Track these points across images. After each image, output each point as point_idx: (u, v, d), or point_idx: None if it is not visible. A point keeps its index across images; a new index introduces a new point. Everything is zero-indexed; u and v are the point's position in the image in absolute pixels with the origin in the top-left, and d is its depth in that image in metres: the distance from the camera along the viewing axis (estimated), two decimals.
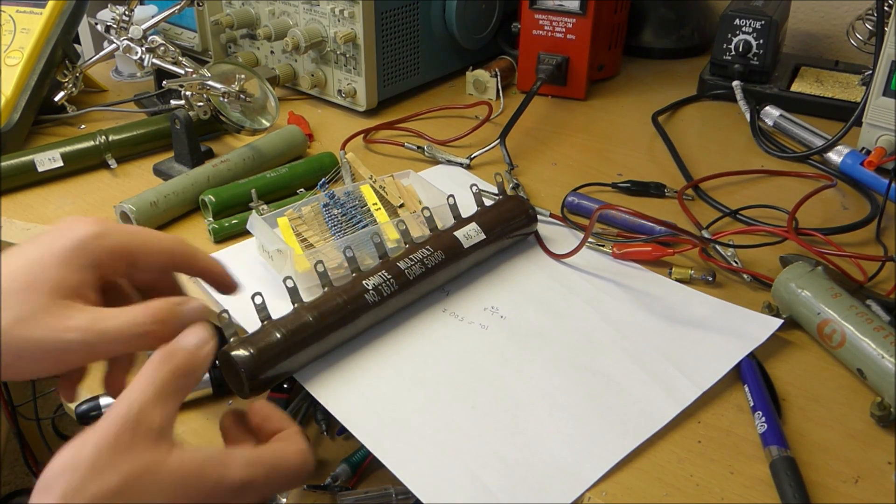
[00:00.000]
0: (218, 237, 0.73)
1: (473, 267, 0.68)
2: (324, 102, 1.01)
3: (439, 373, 0.57)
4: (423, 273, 0.62)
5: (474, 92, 1.03)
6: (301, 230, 0.69)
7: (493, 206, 0.70)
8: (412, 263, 0.62)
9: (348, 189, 0.74)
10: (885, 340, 0.54)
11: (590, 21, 0.96)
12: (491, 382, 0.57)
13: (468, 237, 0.66)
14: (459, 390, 0.56)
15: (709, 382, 0.56)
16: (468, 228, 0.66)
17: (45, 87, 0.91)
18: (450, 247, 0.64)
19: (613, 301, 0.65)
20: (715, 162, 0.86)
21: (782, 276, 0.62)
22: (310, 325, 0.56)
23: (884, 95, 0.80)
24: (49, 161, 0.82)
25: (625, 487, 0.49)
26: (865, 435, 0.53)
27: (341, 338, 0.59)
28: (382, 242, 0.63)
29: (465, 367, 0.58)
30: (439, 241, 0.64)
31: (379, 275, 0.60)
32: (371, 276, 0.60)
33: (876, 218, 0.73)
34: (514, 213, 0.70)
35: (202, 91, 0.82)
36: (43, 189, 0.83)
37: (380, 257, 0.63)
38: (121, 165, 0.86)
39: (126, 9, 0.85)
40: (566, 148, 0.90)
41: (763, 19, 0.96)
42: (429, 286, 0.63)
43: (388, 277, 0.60)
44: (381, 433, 0.53)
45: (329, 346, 0.58)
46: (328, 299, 0.58)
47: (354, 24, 0.91)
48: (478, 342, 0.60)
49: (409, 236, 0.65)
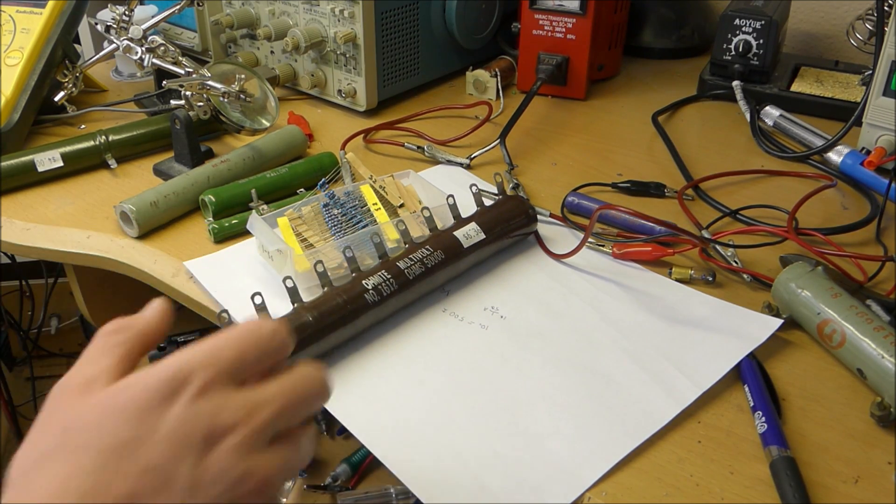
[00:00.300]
0: (218, 237, 0.73)
1: (473, 267, 0.68)
2: (324, 102, 1.01)
3: (439, 373, 0.57)
4: (423, 273, 0.62)
5: (474, 92, 1.03)
6: (301, 230, 0.69)
7: (492, 206, 0.70)
8: (412, 263, 0.62)
9: (348, 189, 0.74)
10: (885, 340, 0.54)
11: (590, 21, 0.96)
12: (491, 382, 0.57)
13: (468, 237, 0.66)
14: (459, 390, 0.56)
15: (709, 382, 0.56)
16: (468, 228, 0.66)
17: (45, 87, 0.91)
18: (449, 246, 0.64)
19: (613, 301, 0.65)
20: (715, 162, 0.86)
21: (782, 276, 0.62)
22: (309, 324, 0.56)
23: (884, 95, 0.80)
24: (49, 161, 0.82)
25: (625, 487, 0.49)
26: (865, 435, 0.53)
27: (341, 338, 0.59)
28: (382, 242, 0.63)
29: (465, 367, 0.58)
30: (439, 241, 0.64)
31: (379, 275, 0.60)
32: (371, 276, 0.60)
33: (876, 218, 0.73)
34: (514, 213, 0.70)
35: (202, 91, 0.82)
36: (43, 189, 0.82)
37: (379, 257, 0.63)
38: (121, 165, 0.86)
39: (126, 9, 0.85)
40: (566, 148, 0.90)
41: (763, 19, 0.96)
42: (428, 286, 0.63)
43: (388, 277, 0.60)
44: (381, 433, 0.53)
45: (329, 346, 0.58)
46: (328, 299, 0.58)
47: (354, 24, 0.91)
48: (478, 342, 0.60)
49: (408, 236, 0.65)
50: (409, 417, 0.54)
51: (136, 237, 0.74)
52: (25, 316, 1.56)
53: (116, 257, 0.73)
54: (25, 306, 1.55)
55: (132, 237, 0.74)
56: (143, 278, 0.72)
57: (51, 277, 1.47)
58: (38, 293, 1.53)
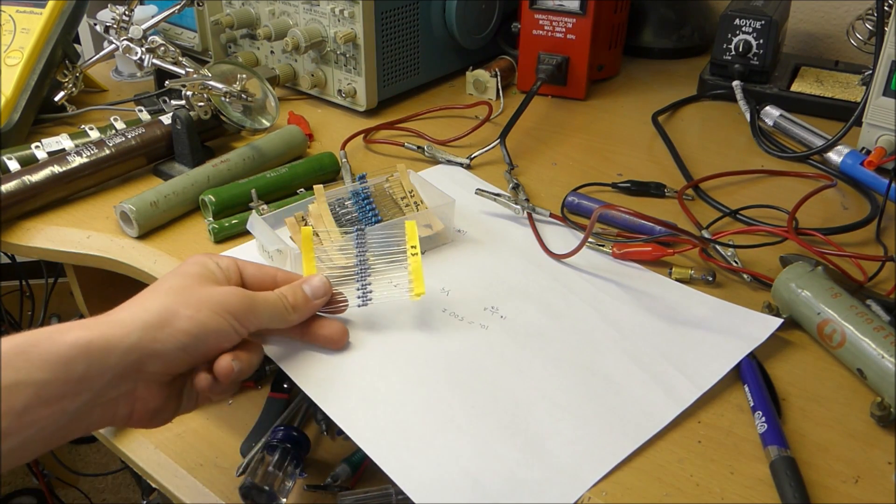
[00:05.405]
0: (218, 237, 0.73)
1: (473, 267, 0.68)
2: (324, 102, 1.01)
3: (439, 373, 0.57)
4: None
5: (474, 92, 1.03)
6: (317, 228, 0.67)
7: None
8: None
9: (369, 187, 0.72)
10: (885, 340, 0.54)
11: (590, 21, 0.96)
12: (491, 382, 0.57)
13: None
14: (459, 390, 0.56)
15: (709, 383, 0.56)
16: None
17: (45, 87, 0.91)
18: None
19: (613, 301, 0.65)
20: (715, 162, 0.86)
21: (782, 276, 0.62)
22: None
23: (884, 95, 0.80)
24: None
25: (625, 487, 0.49)
26: (865, 435, 0.53)
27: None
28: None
29: (465, 367, 0.58)
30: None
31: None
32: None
33: (876, 218, 0.73)
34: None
35: (203, 91, 0.82)
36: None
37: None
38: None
39: (126, 9, 0.85)
40: (566, 148, 0.90)
41: (763, 19, 0.96)
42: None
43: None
44: (380, 435, 0.53)
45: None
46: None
47: (354, 24, 0.91)
48: (478, 342, 0.60)
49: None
50: (408, 418, 0.54)
51: (136, 237, 0.74)
52: (25, 316, 1.56)
53: (116, 257, 0.73)
54: (25, 306, 1.55)
55: (132, 237, 0.74)
56: (143, 278, 0.72)
57: (51, 277, 1.47)
58: (38, 293, 1.53)
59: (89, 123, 0.86)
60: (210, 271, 0.55)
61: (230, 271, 0.57)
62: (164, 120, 0.84)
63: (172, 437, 0.90)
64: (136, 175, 0.84)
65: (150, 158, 0.84)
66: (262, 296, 0.55)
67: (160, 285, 0.54)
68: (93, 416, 0.49)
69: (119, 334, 0.49)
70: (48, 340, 0.46)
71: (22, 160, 0.81)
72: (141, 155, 0.82)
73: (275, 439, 0.84)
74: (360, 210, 0.69)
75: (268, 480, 0.80)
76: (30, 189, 0.76)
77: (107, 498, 1.75)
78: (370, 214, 0.69)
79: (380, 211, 0.69)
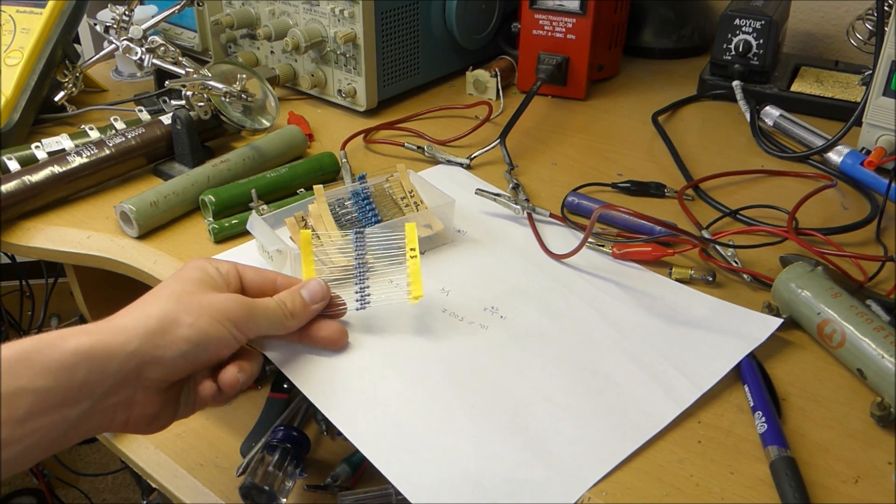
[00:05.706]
0: (218, 237, 0.73)
1: (473, 267, 0.68)
2: (324, 102, 1.01)
3: (439, 373, 0.57)
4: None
5: (474, 92, 1.03)
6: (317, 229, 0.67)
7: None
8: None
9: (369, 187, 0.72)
10: (885, 340, 0.54)
11: (590, 21, 0.96)
12: (491, 383, 0.57)
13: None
14: (459, 390, 0.56)
15: (709, 383, 0.56)
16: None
17: (45, 87, 0.91)
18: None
19: (613, 301, 0.65)
20: (715, 162, 0.86)
21: (782, 276, 0.62)
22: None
23: (884, 95, 0.80)
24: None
25: (625, 487, 0.49)
26: (865, 435, 0.53)
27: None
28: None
29: (465, 367, 0.58)
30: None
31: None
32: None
33: (876, 218, 0.73)
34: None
35: (203, 91, 0.82)
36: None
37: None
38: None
39: (126, 9, 0.85)
40: (566, 148, 0.90)
41: (763, 19, 0.96)
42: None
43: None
44: (380, 437, 0.53)
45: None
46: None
47: (354, 24, 0.91)
48: (478, 342, 0.60)
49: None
50: (408, 419, 0.54)
51: (136, 237, 0.74)
52: (25, 316, 1.56)
53: (116, 257, 0.73)
54: (25, 306, 1.55)
55: (132, 237, 0.74)
56: (143, 278, 0.72)
57: (51, 277, 1.47)
58: (38, 293, 1.53)
59: (89, 123, 0.86)
60: (210, 276, 0.55)
61: (230, 276, 0.57)
62: (164, 120, 0.84)
63: (172, 437, 0.90)
64: (136, 175, 0.84)
65: (150, 158, 0.84)
66: (261, 303, 0.55)
67: (161, 290, 0.54)
68: (91, 423, 0.49)
69: (120, 341, 0.49)
70: (49, 347, 0.46)
71: (22, 160, 0.81)
72: (141, 155, 0.82)
73: (275, 439, 0.84)
74: (360, 210, 0.69)
75: (268, 480, 0.80)
76: (30, 189, 0.76)
77: (107, 498, 1.75)
78: (370, 214, 0.69)
79: (380, 211, 0.69)
